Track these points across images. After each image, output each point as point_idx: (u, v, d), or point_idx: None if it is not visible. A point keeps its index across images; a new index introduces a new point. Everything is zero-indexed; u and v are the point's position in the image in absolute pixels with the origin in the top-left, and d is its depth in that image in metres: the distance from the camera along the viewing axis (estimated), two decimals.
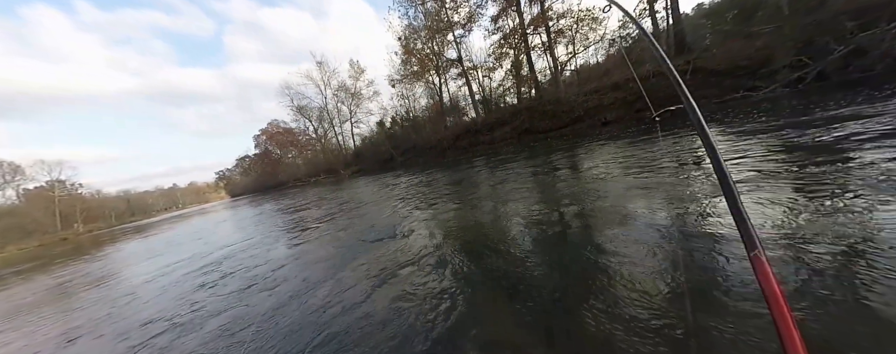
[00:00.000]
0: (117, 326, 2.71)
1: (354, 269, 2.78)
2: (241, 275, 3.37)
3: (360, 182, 14.59)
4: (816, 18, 7.89)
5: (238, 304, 2.57)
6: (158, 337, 2.29)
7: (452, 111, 24.74)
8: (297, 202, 11.50)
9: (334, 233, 4.51)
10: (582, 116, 14.13)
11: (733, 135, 4.52)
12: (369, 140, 32.91)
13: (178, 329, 2.34)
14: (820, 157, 2.72)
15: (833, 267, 1.35)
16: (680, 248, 1.79)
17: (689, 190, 2.70)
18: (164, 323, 2.52)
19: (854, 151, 2.67)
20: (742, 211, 0.49)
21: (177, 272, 4.24)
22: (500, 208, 3.64)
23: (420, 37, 22.29)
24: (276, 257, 3.85)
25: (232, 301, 2.66)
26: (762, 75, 8.68)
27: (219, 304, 2.67)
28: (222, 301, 2.71)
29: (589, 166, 5.02)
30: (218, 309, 2.55)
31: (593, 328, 1.31)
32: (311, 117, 35.54)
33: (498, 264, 2.19)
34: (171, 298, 3.14)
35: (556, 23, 16.53)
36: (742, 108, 7.28)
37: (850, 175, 2.23)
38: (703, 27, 13.46)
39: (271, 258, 3.81)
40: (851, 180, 2.15)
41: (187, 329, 2.30)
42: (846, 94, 5.40)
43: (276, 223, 7.23)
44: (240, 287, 2.96)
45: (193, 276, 3.83)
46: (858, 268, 1.31)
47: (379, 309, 1.90)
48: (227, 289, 3.01)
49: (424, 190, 6.64)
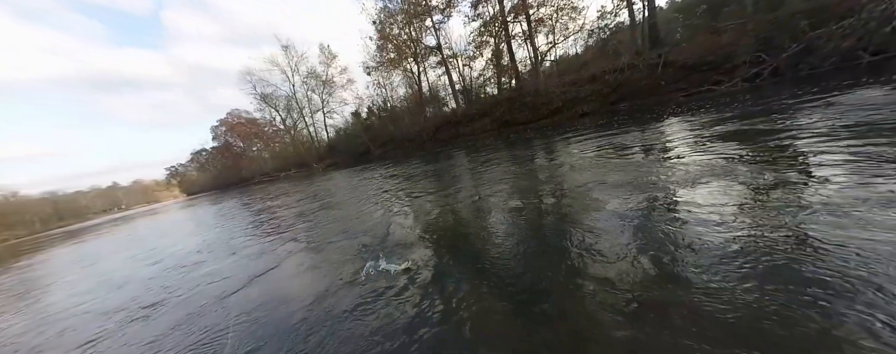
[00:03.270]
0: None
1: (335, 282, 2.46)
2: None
3: (335, 177, 13.81)
4: (776, 16, 8.45)
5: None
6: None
7: (432, 102, 24.07)
8: (264, 200, 10.64)
9: (305, 233, 4.08)
10: (561, 108, 14.35)
11: (695, 126, 4.81)
12: (344, 132, 31.25)
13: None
14: (752, 148, 3.02)
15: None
16: (646, 231, 1.90)
17: (657, 178, 2.82)
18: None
19: (784, 143, 2.97)
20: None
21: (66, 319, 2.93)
22: (482, 203, 3.53)
23: (397, 21, 21.10)
24: (229, 275, 3.08)
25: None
26: (725, 70, 9.25)
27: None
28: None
29: (566, 159, 5.03)
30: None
31: (570, 307, 1.39)
32: (277, 107, 32.78)
33: (479, 253, 2.17)
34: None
35: (536, 11, 16.39)
36: (706, 101, 7.75)
37: (781, 159, 2.56)
38: (676, 21, 14.07)
39: (218, 278, 3.04)
40: (781, 163, 2.48)
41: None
42: (795, 90, 5.84)
43: (238, 224, 6.51)
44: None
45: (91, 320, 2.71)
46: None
47: (353, 306, 1.86)
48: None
49: (405, 185, 6.33)
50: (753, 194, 2.08)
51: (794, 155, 2.65)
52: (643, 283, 1.42)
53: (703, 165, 2.87)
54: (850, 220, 1.53)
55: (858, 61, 6.75)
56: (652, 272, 1.49)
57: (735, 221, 1.76)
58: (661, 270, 1.49)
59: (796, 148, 2.81)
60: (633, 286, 1.42)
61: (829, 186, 1.94)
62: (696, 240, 1.66)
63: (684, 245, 1.64)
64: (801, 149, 2.74)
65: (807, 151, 2.66)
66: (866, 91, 4.37)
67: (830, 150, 2.53)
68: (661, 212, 2.12)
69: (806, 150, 2.68)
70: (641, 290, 1.38)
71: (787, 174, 2.28)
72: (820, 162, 2.36)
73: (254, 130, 38.88)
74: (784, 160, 2.57)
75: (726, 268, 1.39)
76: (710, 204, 2.04)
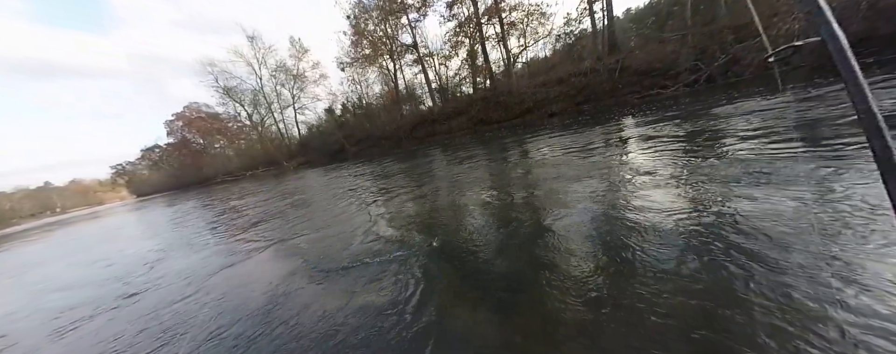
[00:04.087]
0: None
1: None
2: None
3: (307, 175, 13.36)
4: (710, 30, 9.65)
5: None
6: None
7: (409, 100, 24.03)
8: (226, 201, 10.06)
9: (270, 237, 4.06)
10: (531, 108, 15.11)
11: (646, 125, 5.49)
12: (317, 129, 30.12)
13: None
14: (684, 141, 3.54)
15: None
16: (605, 220, 2.10)
17: (615, 172, 3.17)
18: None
19: (710, 138, 3.53)
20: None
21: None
22: (459, 199, 3.67)
23: (372, 17, 20.83)
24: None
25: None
26: (670, 76, 10.38)
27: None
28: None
29: (537, 156, 5.38)
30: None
31: (540, 299, 1.43)
32: (243, 101, 30.78)
33: (454, 246, 2.24)
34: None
35: (508, 14, 17.05)
36: (655, 103, 8.70)
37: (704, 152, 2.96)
38: (630, 30, 15.41)
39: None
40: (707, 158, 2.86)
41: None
42: (726, 94, 6.81)
43: (193, 229, 5.84)
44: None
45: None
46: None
47: (331, 306, 1.81)
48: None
49: (382, 183, 6.39)
50: (687, 179, 2.47)
51: (716, 147, 3.19)
52: (603, 268, 1.54)
53: (651, 159, 3.30)
54: (757, 189, 1.99)
55: (771, 70, 7.95)
56: (611, 257, 1.63)
57: (675, 204, 2.06)
58: (619, 254, 1.63)
59: (719, 142, 3.37)
60: (595, 270, 1.53)
61: (742, 169, 2.42)
62: (646, 224, 1.87)
63: (637, 229, 1.83)
64: (723, 143, 3.29)
65: (727, 144, 3.19)
66: (771, 99, 5.25)
67: (743, 144, 3.08)
68: (618, 202, 2.33)
69: (726, 144, 3.22)
70: (603, 274, 1.49)
71: (711, 162, 2.74)
72: (735, 152, 2.83)
73: (216, 126, 36.15)
74: (709, 151, 3.08)
75: (672, 244, 1.61)
76: (657, 192, 2.36)
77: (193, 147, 39.72)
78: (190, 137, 39.71)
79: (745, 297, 1.18)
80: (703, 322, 1.12)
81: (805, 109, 3.84)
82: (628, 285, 1.38)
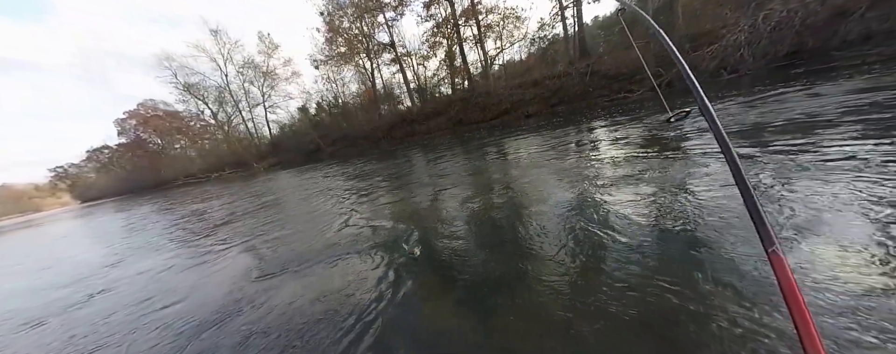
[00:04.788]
0: None
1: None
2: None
3: (279, 177, 12.68)
4: (669, 38, 10.33)
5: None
6: None
7: (387, 99, 23.59)
8: (185, 205, 9.31)
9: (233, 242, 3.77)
10: (509, 109, 15.39)
11: (613, 127, 5.79)
12: (290, 128, 28.74)
13: None
14: (644, 141, 3.81)
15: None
16: (578, 217, 2.18)
17: (586, 171, 3.30)
18: None
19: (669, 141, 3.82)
20: (759, 209, 0.47)
21: None
22: (437, 198, 3.68)
23: (347, 14, 20.20)
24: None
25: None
26: (636, 81, 11.01)
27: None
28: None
29: (515, 156, 5.50)
30: None
31: (521, 299, 1.43)
32: (206, 98, 28.67)
33: (436, 251, 2.22)
34: None
35: (485, 17, 17.26)
36: (622, 106, 9.18)
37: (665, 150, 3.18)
38: (598, 37, 16.19)
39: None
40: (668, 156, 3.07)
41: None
42: (684, 99, 7.31)
43: (146, 236, 5.33)
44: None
45: None
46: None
47: (309, 305, 1.77)
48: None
49: (359, 184, 6.19)
50: (650, 177, 2.61)
51: (674, 147, 3.43)
52: (577, 265, 1.59)
53: (618, 157, 3.49)
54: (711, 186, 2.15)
55: (721, 78, 8.67)
56: (586, 253, 1.70)
57: (642, 201, 2.18)
58: (592, 251, 1.70)
59: (674, 143, 3.61)
60: (570, 268, 1.57)
61: (702, 168, 2.61)
62: (615, 220, 1.98)
63: (608, 226, 1.92)
64: (678, 144, 3.53)
65: (682, 145, 3.44)
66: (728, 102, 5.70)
67: (696, 143, 3.35)
68: (590, 200, 2.43)
69: (681, 144, 3.46)
70: (578, 271, 1.53)
71: (671, 162, 2.92)
72: (692, 153, 3.07)
73: (175, 125, 33.35)
74: (667, 151, 3.30)
75: (638, 238, 1.71)
76: (625, 189, 2.48)
77: (150, 148, 36.37)
78: (145, 136, 36.30)
79: (702, 284, 1.26)
80: (669, 316, 1.16)
81: (750, 112, 4.20)
82: (599, 278, 1.44)
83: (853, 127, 2.66)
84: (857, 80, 4.52)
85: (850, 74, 5.05)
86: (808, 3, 7.45)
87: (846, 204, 1.60)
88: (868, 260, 1.20)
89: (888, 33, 6.05)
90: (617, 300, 1.28)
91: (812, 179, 1.95)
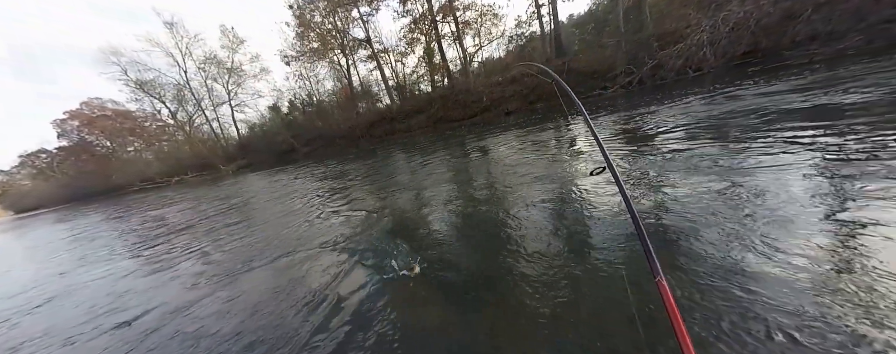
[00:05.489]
0: None
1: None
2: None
3: (247, 179, 11.87)
4: (639, 37, 10.73)
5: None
6: None
7: (364, 97, 22.84)
8: (138, 213, 8.41)
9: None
10: (489, 107, 15.39)
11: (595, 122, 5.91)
12: (260, 128, 27.10)
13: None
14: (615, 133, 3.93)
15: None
16: (557, 213, 2.26)
17: (570, 170, 3.33)
18: None
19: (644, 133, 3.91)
20: (647, 243, 0.53)
21: None
22: (418, 197, 3.58)
23: (318, 9, 19.22)
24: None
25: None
26: (609, 78, 11.34)
27: None
28: None
29: (495, 154, 5.49)
30: None
31: (505, 294, 1.46)
32: (164, 97, 26.28)
33: (417, 244, 2.25)
34: None
35: (462, 14, 17.08)
36: (597, 102, 9.42)
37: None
38: (573, 35, 16.58)
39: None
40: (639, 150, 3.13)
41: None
42: (653, 95, 7.59)
43: (82, 253, 4.67)
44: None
45: None
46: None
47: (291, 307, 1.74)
48: None
49: (332, 184, 5.85)
50: (629, 171, 2.68)
51: (643, 142, 3.52)
52: (557, 258, 1.65)
53: (590, 153, 3.58)
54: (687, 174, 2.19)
55: (686, 75, 9.10)
56: (565, 247, 1.76)
57: (615, 195, 2.24)
58: (570, 244, 1.77)
59: (646, 138, 3.68)
60: (551, 263, 1.62)
61: (672, 161, 2.69)
62: (593, 216, 2.04)
63: (584, 222, 1.99)
64: (647, 139, 3.58)
65: (656, 138, 3.52)
66: (690, 98, 5.93)
67: (671, 135, 3.45)
68: (568, 196, 2.51)
69: (656, 138, 3.54)
70: (558, 265, 1.58)
71: (644, 156, 3.01)
72: (664, 145, 3.14)
73: (127, 126, 30.29)
74: (642, 144, 3.41)
75: (615, 228, 1.78)
76: (600, 183, 2.54)
77: (97, 151, 32.81)
78: (92, 139, 32.72)
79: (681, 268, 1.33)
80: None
81: (712, 109, 4.36)
82: (578, 270, 1.51)
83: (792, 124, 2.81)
84: (793, 80, 4.85)
85: (800, 70, 5.43)
86: (762, 5, 7.97)
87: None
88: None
89: (830, 34, 6.58)
90: (596, 289, 1.34)
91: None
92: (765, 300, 1.07)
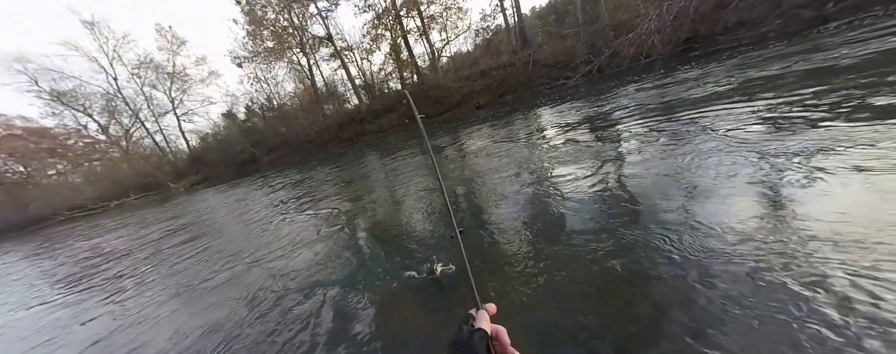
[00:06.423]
0: None
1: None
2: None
3: (201, 196, 10.90)
4: (596, 28, 11.26)
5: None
6: None
7: (331, 98, 21.83)
8: (63, 248, 7.33)
9: None
10: (460, 102, 15.41)
11: (555, 112, 6.22)
12: (214, 138, 24.92)
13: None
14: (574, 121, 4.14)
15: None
16: (534, 199, 2.38)
17: (535, 155, 3.50)
18: None
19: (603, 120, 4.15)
20: (469, 277, 0.56)
21: None
22: (397, 196, 3.60)
23: (271, 4, 17.89)
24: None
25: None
26: (571, 68, 11.84)
27: None
28: None
29: (469, 148, 5.55)
30: None
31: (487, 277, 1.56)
32: (90, 109, 23.13)
33: (400, 253, 2.22)
34: None
35: (426, 7, 16.82)
36: (561, 91, 9.83)
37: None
38: (536, 26, 17.05)
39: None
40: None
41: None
42: (612, 83, 8.04)
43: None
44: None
45: None
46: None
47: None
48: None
49: (298, 191, 5.53)
50: (593, 154, 2.84)
51: (601, 127, 3.75)
52: (537, 242, 1.76)
53: (562, 142, 3.74)
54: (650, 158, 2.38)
55: (639, 63, 9.74)
56: (544, 230, 1.90)
57: (586, 178, 2.41)
58: (551, 229, 1.90)
59: (603, 124, 3.92)
60: (532, 246, 1.74)
61: (629, 145, 2.89)
62: (563, 198, 2.19)
63: (558, 204, 2.13)
64: (604, 124, 3.80)
65: (614, 124, 3.73)
66: (636, 85, 6.35)
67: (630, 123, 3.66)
68: (542, 181, 2.63)
69: (614, 123, 3.76)
70: (540, 246, 1.71)
71: (603, 138, 3.22)
72: (622, 131, 3.34)
73: (45, 146, 25.82)
74: (602, 129, 3.66)
75: (585, 210, 1.94)
76: (571, 167, 2.70)
77: (7, 178, 27.85)
78: None
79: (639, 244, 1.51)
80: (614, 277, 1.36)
81: (669, 92, 4.71)
82: (554, 253, 1.62)
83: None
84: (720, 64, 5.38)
85: (731, 53, 6.02)
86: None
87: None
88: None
89: (754, 20, 7.35)
90: (573, 269, 1.45)
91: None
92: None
